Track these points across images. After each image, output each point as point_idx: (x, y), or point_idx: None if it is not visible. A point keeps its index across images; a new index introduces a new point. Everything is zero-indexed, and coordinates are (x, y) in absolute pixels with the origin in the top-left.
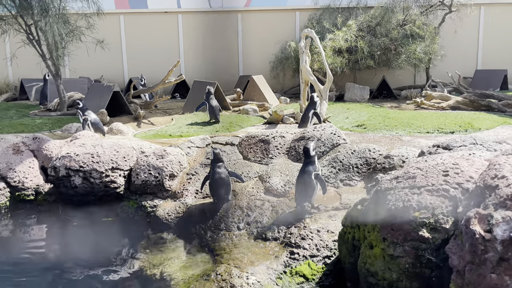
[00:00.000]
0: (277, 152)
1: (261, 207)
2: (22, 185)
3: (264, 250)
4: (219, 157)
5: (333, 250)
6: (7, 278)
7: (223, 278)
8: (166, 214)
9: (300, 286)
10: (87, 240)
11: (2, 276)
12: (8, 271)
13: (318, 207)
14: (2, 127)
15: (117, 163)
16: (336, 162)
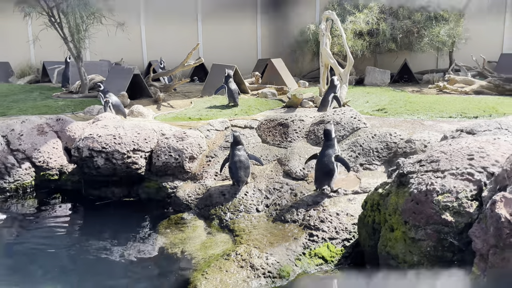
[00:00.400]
0: (296, 135)
1: (280, 190)
2: (47, 165)
3: (283, 232)
4: (238, 140)
5: (352, 233)
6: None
7: (243, 258)
8: (186, 195)
9: (319, 267)
10: (109, 219)
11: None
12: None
13: (338, 191)
14: (26, 108)
15: (139, 144)
16: (356, 146)
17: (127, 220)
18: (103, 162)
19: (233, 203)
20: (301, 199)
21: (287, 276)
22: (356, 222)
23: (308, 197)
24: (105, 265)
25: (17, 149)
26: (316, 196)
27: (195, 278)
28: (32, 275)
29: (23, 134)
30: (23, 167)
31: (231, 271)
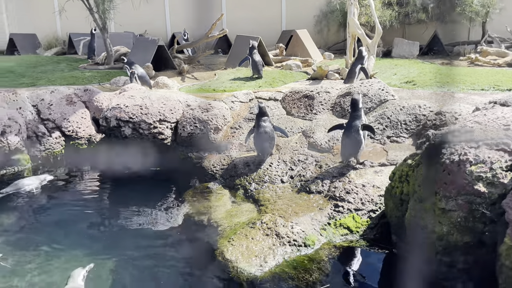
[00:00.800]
0: (322, 108)
1: (304, 161)
2: (76, 134)
3: (308, 202)
4: (264, 111)
5: (378, 204)
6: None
7: (268, 227)
8: (212, 166)
9: (344, 237)
10: (136, 188)
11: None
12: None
13: (364, 163)
14: (54, 79)
15: (164, 115)
16: (383, 119)
17: (154, 189)
18: (130, 132)
19: (257, 174)
20: (326, 171)
21: (312, 245)
22: (382, 194)
23: (334, 169)
24: (133, 232)
25: (47, 118)
26: (341, 168)
27: (222, 244)
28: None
29: (53, 104)
30: (53, 136)
31: (256, 238)
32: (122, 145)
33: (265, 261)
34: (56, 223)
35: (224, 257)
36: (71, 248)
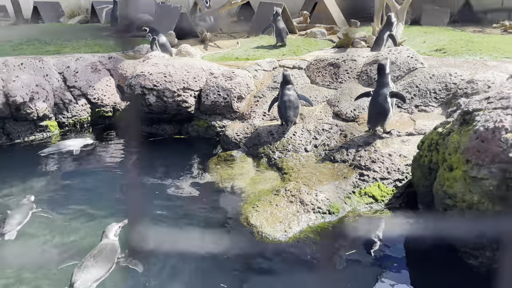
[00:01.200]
0: (347, 76)
1: (329, 130)
2: (101, 102)
3: (332, 171)
4: (288, 79)
5: (405, 174)
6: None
7: (292, 194)
8: (235, 134)
9: (368, 206)
10: (161, 155)
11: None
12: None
13: (391, 132)
14: (79, 47)
15: (188, 83)
16: (411, 87)
17: (178, 156)
18: (155, 100)
19: (281, 143)
20: (352, 140)
21: (336, 212)
22: (409, 163)
23: (359, 138)
24: (158, 197)
25: (73, 85)
26: (367, 137)
27: (246, 210)
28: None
29: (78, 71)
30: (80, 103)
31: (280, 205)
32: (146, 112)
33: (290, 227)
34: (92, 183)
35: (248, 222)
36: (105, 206)
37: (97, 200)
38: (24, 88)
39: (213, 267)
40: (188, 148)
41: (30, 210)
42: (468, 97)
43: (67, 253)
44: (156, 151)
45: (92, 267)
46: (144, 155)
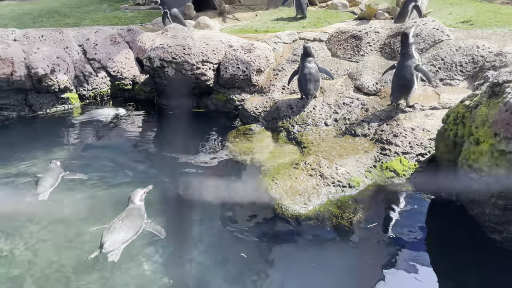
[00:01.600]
0: (370, 49)
1: (350, 104)
2: (121, 75)
3: (353, 145)
4: (309, 52)
5: (428, 148)
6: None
7: (312, 167)
8: (254, 108)
9: (389, 180)
10: (180, 128)
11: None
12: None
13: (414, 106)
14: (98, 19)
15: (207, 56)
16: (436, 60)
17: (197, 129)
18: (174, 73)
19: (301, 117)
20: (373, 114)
21: (356, 186)
22: (432, 138)
23: (381, 112)
24: (177, 170)
25: (93, 58)
26: (389, 111)
27: (266, 183)
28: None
29: (98, 44)
30: (99, 76)
31: (300, 178)
32: (165, 86)
33: (309, 200)
34: (119, 150)
35: (268, 195)
36: (129, 174)
37: (121, 168)
38: (45, 60)
39: (233, 237)
40: (207, 121)
41: (60, 173)
42: (496, 70)
43: (96, 215)
44: (175, 124)
45: (120, 229)
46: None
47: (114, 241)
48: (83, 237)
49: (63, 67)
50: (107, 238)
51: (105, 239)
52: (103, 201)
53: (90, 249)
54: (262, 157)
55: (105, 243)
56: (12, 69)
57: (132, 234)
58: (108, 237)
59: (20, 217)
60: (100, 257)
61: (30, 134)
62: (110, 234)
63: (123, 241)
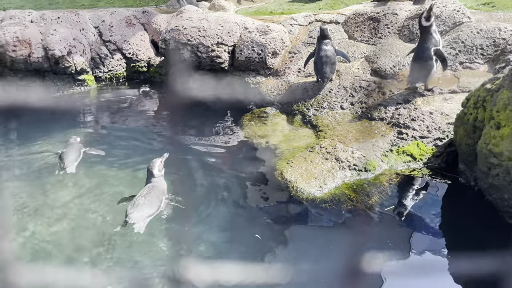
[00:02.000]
0: (388, 31)
1: (366, 88)
2: (136, 57)
3: (369, 129)
4: (326, 34)
5: (446, 132)
6: (125, 139)
7: (327, 151)
8: (269, 91)
9: (406, 164)
10: (196, 110)
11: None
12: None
13: (432, 89)
14: (113, 1)
15: (222, 38)
16: (456, 43)
17: (212, 111)
18: (189, 55)
19: (316, 100)
20: (390, 98)
21: (372, 170)
22: (451, 122)
23: (398, 95)
24: (192, 153)
25: (108, 40)
26: (407, 94)
27: (281, 166)
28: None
29: (113, 26)
30: (115, 58)
31: (315, 161)
32: (181, 69)
33: (325, 183)
34: (134, 131)
35: (283, 177)
36: (146, 153)
37: (137, 148)
38: (62, 42)
39: (248, 218)
40: (222, 104)
41: (81, 148)
42: None
43: (118, 188)
44: (190, 106)
45: (144, 205)
46: (179, 111)
47: (139, 216)
48: (109, 209)
49: (80, 48)
50: (131, 214)
51: (130, 213)
52: (122, 176)
53: (114, 222)
54: (277, 140)
55: (130, 216)
56: (30, 50)
57: (155, 209)
58: (133, 211)
59: (50, 190)
60: (124, 231)
61: (49, 115)
62: (134, 208)
63: (147, 215)
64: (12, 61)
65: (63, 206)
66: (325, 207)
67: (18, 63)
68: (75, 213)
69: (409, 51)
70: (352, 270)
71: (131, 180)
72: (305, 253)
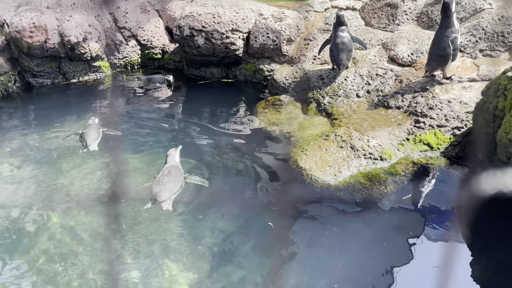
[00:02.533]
0: (406, 18)
1: (383, 76)
2: (150, 43)
3: (385, 117)
4: (342, 20)
5: (464, 121)
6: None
7: (342, 139)
8: (284, 78)
9: (423, 153)
10: (210, 98)
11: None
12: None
13: (451, 78)
14: None
15: (237, 24)
16: (477, 30)
17: (226, 99)
18: (203, 42)
19: (331, 88)
20: (408, 86)
21: (388, 159)
22: (470, 111)
23: (416, 83)
24: (206, 140)
25: (123, 26)
26: (425, 82)
27: (295, 154)
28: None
29: (128, 12)
30: (130, 45)
31: (330, 150)
32: (195, 55)
33: (339, 171)
34: (149, 117)
35: (298, 165)
36: (160, 138)
37: (152, 133)
38: (78, 28)
39: (261, 206)
40: (236, 91)
41: (100, 128)
42: None
43: (139, 170)
44: (204, 94)
45: (168, 182)
46: (193, 98)
47: (166, 193)
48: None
49: (95, 35)
50: (158, 189)
51: (157, 191)
52: (141, 155)
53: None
54: (291, 128)
55: (159, 194)
56: (46, 36)
57: (179, 187)
58: (160, 188)
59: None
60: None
61: (65, 100)
62: (160, 186)
63: (172, 192)
64: (29, 47)
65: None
66: (339, 195)
67: (35, 49)
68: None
69: (427, 38)
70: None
71: (149, 162)
72: (318, 242)
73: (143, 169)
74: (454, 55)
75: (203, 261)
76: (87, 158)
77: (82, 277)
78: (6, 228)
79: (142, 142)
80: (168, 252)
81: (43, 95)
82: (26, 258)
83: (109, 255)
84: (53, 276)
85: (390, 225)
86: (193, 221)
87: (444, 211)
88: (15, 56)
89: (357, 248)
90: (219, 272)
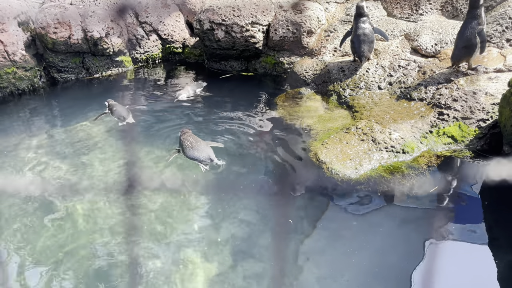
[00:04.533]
0: (429, 7)
1: (406, 67)
2: (171, 38)
3: (408, 109)
4: (363, 11)
5: (490, 113)
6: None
7: (364, 132)
8: (304, 71)
9: (446, 146)
10: (230, 91)
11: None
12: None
13: (477, 68)
14: None
15: (257, 17)
16: (503, 19)
17: (246, 92)
18: (223, 35)
19: (352, 80)
20: (431, 77)
21: (411, 152)
22: (496, 102)
23: (440, 74)
24: (226, 133)
25: (144, 21)
26: (449, 73)
27: (316, 147)
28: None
29: (149, 7)
30: (151, 39)
31: (351, 143)
32: (215, 48)
33: (360, 165)
34: (171, 109)
35: (318, 158)
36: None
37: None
38: (100, 24)
39: (281, 199)
40: (256, 84)
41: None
42: None
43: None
44: (224, 88)
45: (201, 144)
46: (214, 91)
47: (211, 152)
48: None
49: (117, 30)
50: (207, 152)
51: (207, 154)
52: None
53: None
54: (311, 121)
55: (211, 156)
56: (70, 32)
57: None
58: (207, 151)
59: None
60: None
61: (89, 95)
62: (205, 147)
63: (212, 151)
64: (53, 42)
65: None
66: (360, 189)
67: (59, 44)
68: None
69: (452, 28)
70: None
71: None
72: (338, 236)
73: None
74: (482, 47)
75: (223, 253)
76: (110, 149)
77: (103, 264)
78: (35, 214)
79: (164, 133)
80: (188, 244)
81: (67, 90)
82: (51, 245)
83: (130, 246)
84: (76, 262)
85: (412, 219)
86: (213, 213)
87: (468, 206)
88: (40, 52)
89: (379, 242)
90: (239, 265)
